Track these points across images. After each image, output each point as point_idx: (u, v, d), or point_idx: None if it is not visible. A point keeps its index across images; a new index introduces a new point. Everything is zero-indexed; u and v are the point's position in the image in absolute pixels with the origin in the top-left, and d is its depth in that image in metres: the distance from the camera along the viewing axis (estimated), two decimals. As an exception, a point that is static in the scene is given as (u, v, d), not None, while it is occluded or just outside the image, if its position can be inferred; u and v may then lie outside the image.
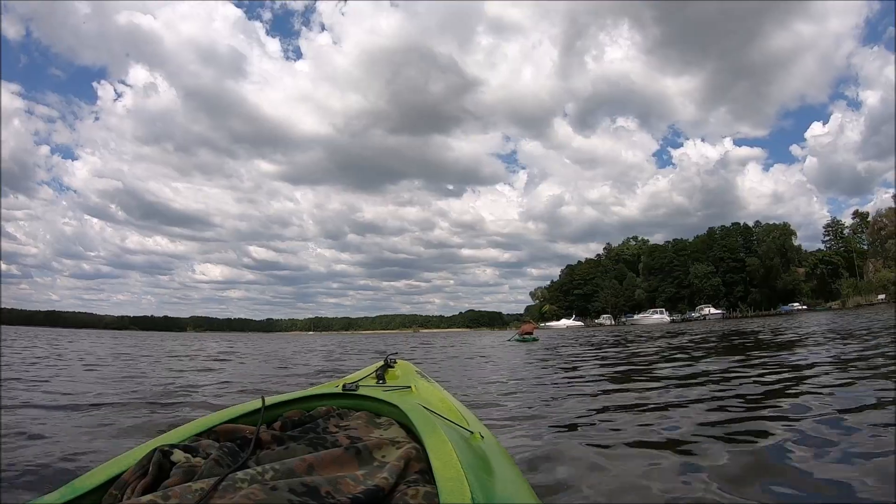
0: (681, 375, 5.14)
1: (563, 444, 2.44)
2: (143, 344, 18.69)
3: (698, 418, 2.85)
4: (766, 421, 2.71)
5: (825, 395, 3.37)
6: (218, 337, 42.50)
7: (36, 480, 1.91)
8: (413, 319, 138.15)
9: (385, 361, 1.80)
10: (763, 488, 1.73)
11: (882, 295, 44.20)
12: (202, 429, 1.03)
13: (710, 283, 63.35)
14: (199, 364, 8.80)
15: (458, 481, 0.70)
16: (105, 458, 1.04)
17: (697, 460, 2.05)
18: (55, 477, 1.92)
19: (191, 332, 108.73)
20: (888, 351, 6.10)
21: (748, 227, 67.35)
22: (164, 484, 0.74)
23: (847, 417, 2.58)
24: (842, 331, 11.17)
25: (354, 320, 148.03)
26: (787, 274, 59.66)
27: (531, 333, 18.21)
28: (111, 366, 8.09)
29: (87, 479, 0.84)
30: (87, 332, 56.09)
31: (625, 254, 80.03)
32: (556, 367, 7.23)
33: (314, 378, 6.04)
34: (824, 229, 62.90)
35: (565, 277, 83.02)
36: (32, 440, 2.56)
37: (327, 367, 7.76)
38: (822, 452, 2.05)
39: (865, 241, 57.01)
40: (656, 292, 68.59)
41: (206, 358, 10.53)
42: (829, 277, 57.12)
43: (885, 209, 51.83)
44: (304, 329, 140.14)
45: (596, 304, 73.80)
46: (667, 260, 69.94)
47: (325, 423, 1.03)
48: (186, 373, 7.00)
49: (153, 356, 10.88)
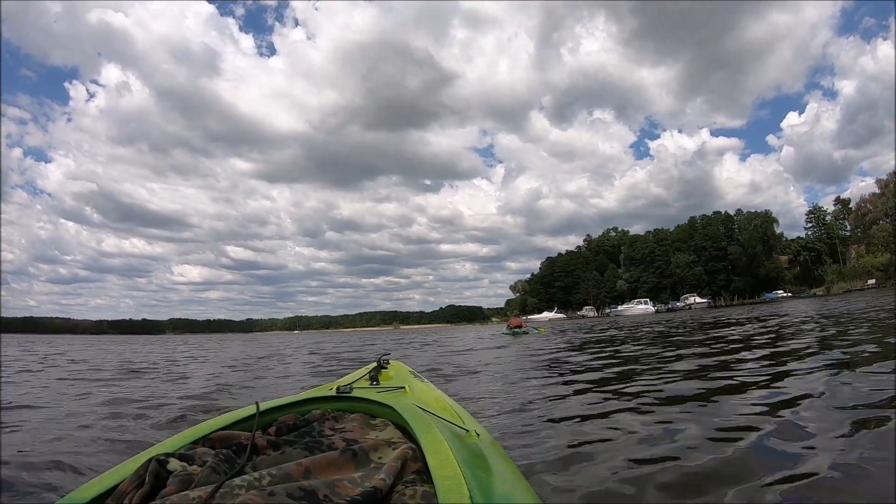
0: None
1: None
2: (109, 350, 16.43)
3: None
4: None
5: None
6: (193, 340, 39.42)
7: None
8: (393, 316, 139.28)
9: (378, 363, 1.82)
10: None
11: (872, 280, 43.69)
12: (197, 436, 1.00)
13: (693, 273, 62.92)
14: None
15: (455, 480, 0.70)
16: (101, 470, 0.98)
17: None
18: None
19: (170, 334, 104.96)
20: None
21: (729, 216, 66.87)
22: (161, 493, 0.73)
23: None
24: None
25: (335, 318, 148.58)
26: (770, 261, 59.43)
27: (521, 327, 17.89)
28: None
29: (83, 490, 0.83)
30: (62, 338, 52.77)
31: (605, 245, 79.85)
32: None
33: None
34: (806, 216, 62.93)
35: (546, 270, 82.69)
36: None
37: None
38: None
39: (848, 227, 56.99)
40: (638, 283, 68.46)
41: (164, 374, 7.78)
42: (812, 264, 56.85)
43: (869, 195, 51.82)
44: (285, 328, 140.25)
45: (577, 296, 73.48)
46: (648, 250, 69.67)
47: (320, 427, 1.03)
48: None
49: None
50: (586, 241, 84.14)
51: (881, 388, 2.76)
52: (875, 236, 48.28)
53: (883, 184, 48.95)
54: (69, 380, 6.34)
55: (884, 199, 48.17)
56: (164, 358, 11.36)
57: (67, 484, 1.90)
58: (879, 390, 2.71)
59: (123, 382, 5.97)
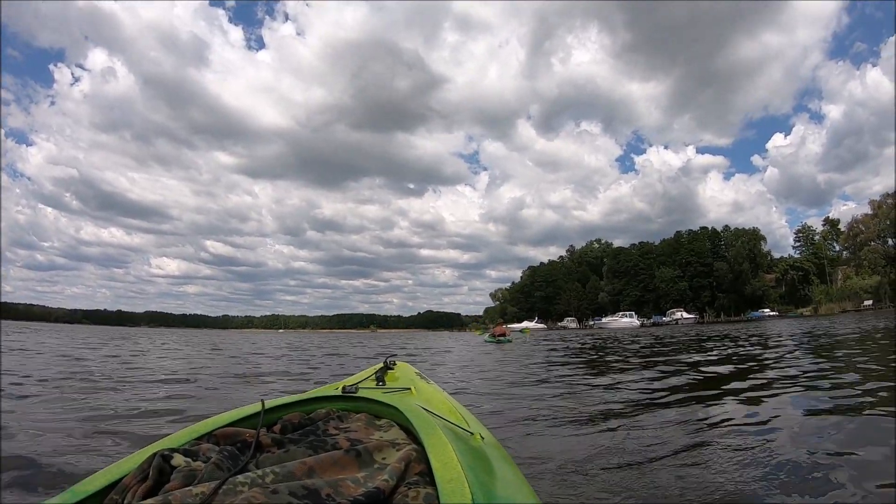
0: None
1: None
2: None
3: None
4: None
5: None
6: (156, 336, 36.41)
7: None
8: (371, 319, 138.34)
9: (385, 363, 1.78)
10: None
11: (869, 301, 42.71)
12: (202, 432, 1.00)
13: (677, 288, 61.75)
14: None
15: (458, 482, 0.70)
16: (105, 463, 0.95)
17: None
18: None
19: (144, 327, 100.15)
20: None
21: (716, 232, 65.93)
22: (164, 488, 0.74)
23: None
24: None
25: (311, 319, 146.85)
26: (756, 279, 58.51)
27: (505, 335, 17.70)
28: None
29: (87, 483, 0.83)
30: (29, 325, 50.12)
31: (588, 256, 78.70)
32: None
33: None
34: (795, 235, 62.39)
35: (527, 278, 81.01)
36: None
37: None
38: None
39: (837, 247, 56.40)
40: (621, 295, 67.20)
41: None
42: (799, 284, 55.96)
43: (862, 215, 51.02)
44: (262, 327, 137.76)
45: (558, 306, 71.66)
46: (632, 263, 68.54)
47: (324, 426, 1.03)
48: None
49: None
50: (569, 252, 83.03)
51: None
52: (866, 258, 47.64)
53: (876, 205, 48.37)
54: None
55: (877, 221, 47.51)
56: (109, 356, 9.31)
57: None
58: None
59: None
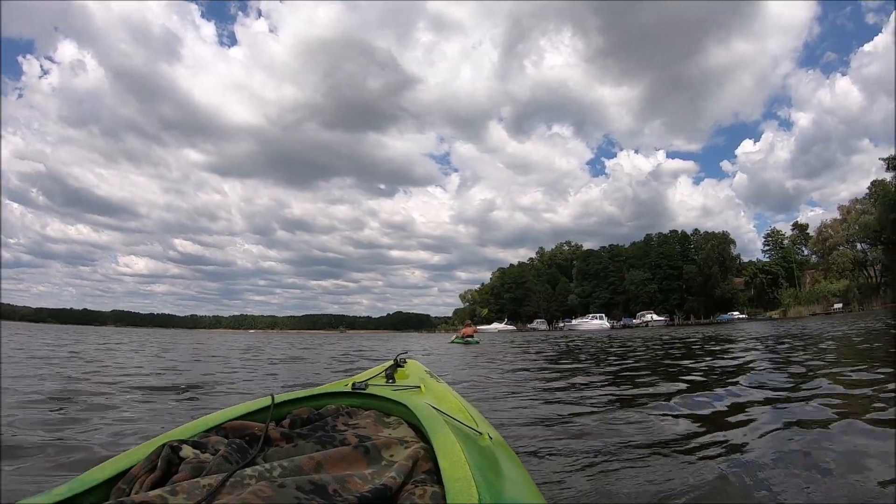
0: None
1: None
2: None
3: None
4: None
5: None
6: (115, 336, 33.33)
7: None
8: (340, 320, 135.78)
9: (395, 361, 1.77)
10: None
11: (839, 304, 42.35)
12: (211, 425, 1.00)
13: (647, 290, 60.98)
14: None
15: (465, 482, 0.70)
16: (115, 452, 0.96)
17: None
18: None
19: (111, 326, 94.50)
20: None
21: (686, 235, 65.52)
22: (172, 479, 0.74)
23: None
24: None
25: (280, 319, 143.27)
26: (726, 282, 58.12)
27: (472, 336, 17.67)
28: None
29: (95, 472, 0.83)
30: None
31: (558, 258, 77.61)
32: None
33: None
34: (764, 239, 62.30)
35: (497, 280, 79.36)
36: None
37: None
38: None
39: (805, 251, 56.41)
40: (590, 298, 66.31)
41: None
42: (768, 287, 55.76)
43: (831, 220, 51.16)
44: (230, 327, 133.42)
45: (528, 308, 70.22)
46: (601, 265, 67.82)
47: (333, 422, 1.03)
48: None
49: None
50: (539, 254, 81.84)
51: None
52: (835, 262, 47.58)
53: (845, 210, 48.47)
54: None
55: (846, 226, 47.53)
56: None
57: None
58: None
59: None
